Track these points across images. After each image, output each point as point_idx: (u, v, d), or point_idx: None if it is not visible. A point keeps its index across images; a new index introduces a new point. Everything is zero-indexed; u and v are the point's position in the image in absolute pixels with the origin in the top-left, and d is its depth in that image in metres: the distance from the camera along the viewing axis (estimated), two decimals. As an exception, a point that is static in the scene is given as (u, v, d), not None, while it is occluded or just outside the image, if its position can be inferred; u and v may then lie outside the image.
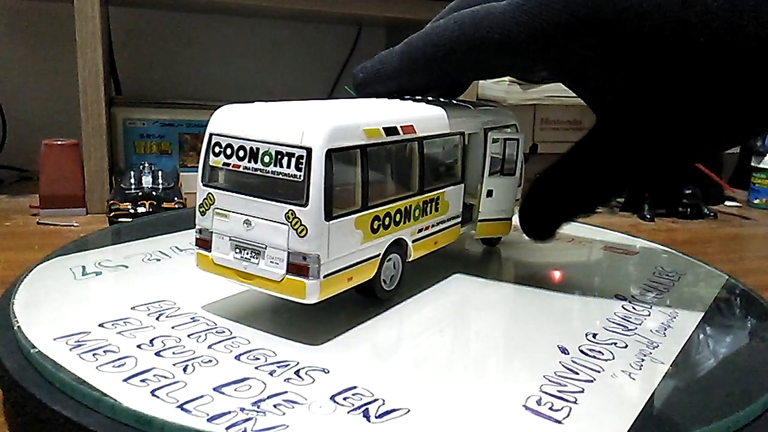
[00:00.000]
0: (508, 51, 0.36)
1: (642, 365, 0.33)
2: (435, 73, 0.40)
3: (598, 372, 0.32)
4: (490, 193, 0.46)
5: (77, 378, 0.27)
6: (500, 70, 0.41)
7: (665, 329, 0.38)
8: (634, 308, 0.41)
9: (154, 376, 0.28)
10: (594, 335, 0.36)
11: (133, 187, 0.69)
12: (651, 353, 0.34)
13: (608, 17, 0.33)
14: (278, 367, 0.30)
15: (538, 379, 0.30)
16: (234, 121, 0.34)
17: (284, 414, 0.26)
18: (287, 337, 0.33)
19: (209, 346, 0.32)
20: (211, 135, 0.34)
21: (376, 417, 0.26)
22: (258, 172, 0.33)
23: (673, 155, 0.37)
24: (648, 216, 0.79)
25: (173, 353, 0.31)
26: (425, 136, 0.39)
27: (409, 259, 0.40)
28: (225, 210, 0.34)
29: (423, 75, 0.41)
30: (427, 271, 0.45)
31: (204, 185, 0.35)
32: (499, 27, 0.35)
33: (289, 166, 0.32)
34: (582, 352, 0.34)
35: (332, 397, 0.28)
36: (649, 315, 0.40)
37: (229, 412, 0.26)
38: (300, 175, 0.31)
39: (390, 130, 0.36)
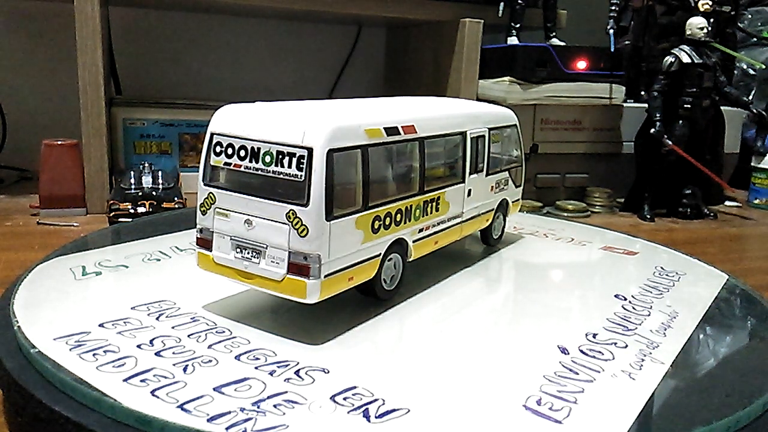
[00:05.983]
0: None
1: (642, 365, 0.33)
2: None
3: (598, 372, 0.32)
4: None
5: (77, 378, 0.27)
6: None
7: (665, 329, 0.38)
8: (634, 308, 0.41)
9: (154, 376, 0.28)
10: (594, 335, 0.36)
11: (133, 187, 0.69)
12: (651, 353, 0.34)
13: None
14: (278, 367, 0.30)
15: (538, 379, 0.30)
16: (235, 121, 0.34)
17: (284, 414, 0.26)
18: (287, 337, 0.33)
19: (209, 346, 0.32)
20: (212, 135, 0.34)
21: (376, 417, 0.26)
22: (259, 172, 0.33)
23: None
24: (648, 216, 0.79)
25: (173, 353, 0.31)
26: (426, 137, 0.39)
27: (410, 259, 0.40)
28: (226, 209, 0.34)
29: None
30: (427, 271, 0.45)
31: (205, 185, 0.35)
32: None
33: (290, 166, 0.32)
34: (582, 352, 0.34)
35: (332, 397, 0.28)
36: (649, 315, 0.40)
37: (229, 412, 0.26)
38: (301, 175, 0.31)
39: (391, 130, 0.36)
